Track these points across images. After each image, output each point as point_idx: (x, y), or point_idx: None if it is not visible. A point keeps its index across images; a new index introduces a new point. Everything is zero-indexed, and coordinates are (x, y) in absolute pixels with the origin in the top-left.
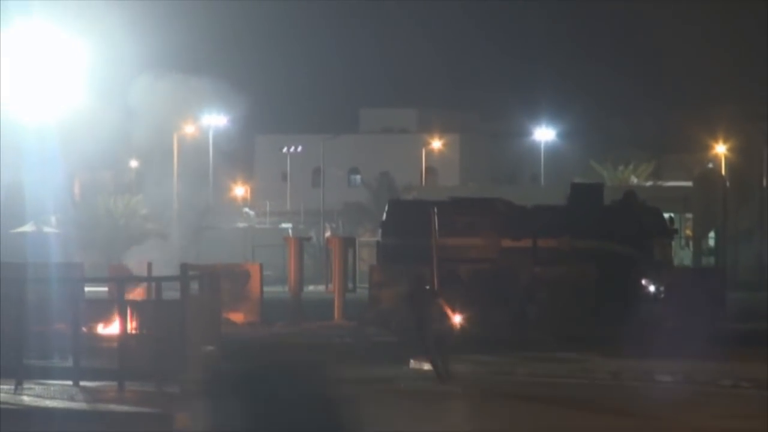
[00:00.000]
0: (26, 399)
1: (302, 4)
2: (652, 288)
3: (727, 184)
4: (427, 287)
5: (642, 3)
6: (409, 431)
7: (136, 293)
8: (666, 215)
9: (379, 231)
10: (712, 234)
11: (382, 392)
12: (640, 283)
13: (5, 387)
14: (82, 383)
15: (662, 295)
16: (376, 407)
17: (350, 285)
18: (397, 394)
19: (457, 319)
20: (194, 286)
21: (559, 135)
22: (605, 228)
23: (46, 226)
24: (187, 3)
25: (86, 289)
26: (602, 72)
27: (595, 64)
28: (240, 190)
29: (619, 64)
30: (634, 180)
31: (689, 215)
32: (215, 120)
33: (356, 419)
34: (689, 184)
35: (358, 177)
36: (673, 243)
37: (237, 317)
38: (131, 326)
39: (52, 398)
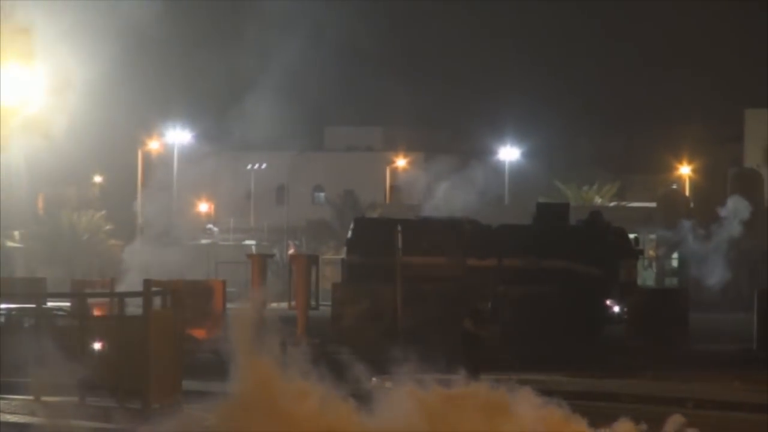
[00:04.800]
0: None
1: (268, 24)
2: (616, 308)
3: (691, 204)
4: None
5: (608, 24)
6: None
7: (100, 308)
8: (631, 235)
9: (344, 248)
10: (675, 255)
11: None
12: (605, 304)
13: None
14: (44, 398)
15: (626, 316)
16: None
17: (313, 302)
18: None
19: None
20: (157, 301)
21: (523, 154)
22: (570, 248)
23: (10, 240)
24: (154, 16)
25: (49, 304)
26: (567, 91)
27: (560, 83)
28: (204, 207)
29: (584, 84)
30: (598, 200)
31: (653, 236)
32: (180, 136)
33: None
34: (653, 204)
35: (322, 195)
36: (637, 263)
37: (199, 333)
38: (93, 342)
39: (13, 413)
